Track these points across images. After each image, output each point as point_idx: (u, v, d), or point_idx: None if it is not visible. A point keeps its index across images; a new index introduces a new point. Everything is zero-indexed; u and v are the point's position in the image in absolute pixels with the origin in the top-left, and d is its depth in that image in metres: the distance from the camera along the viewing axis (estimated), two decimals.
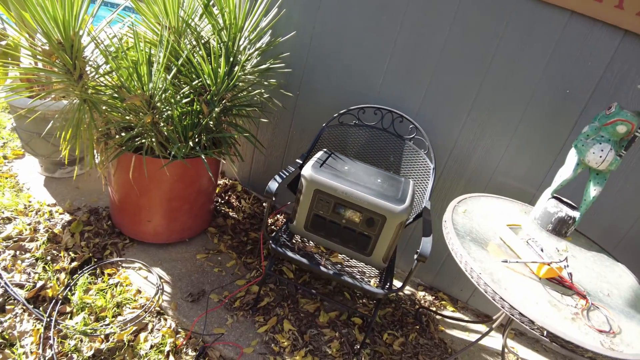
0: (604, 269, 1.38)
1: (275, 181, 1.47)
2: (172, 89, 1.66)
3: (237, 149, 1.87)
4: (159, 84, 1.56)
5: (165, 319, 1.62)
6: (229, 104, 1.75)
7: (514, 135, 1.73)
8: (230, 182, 2.58)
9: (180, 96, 1.66)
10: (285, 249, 1.56)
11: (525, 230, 1.46)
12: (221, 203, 2.39)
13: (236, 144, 1.90)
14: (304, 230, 1.56)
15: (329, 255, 1.75)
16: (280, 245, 1.58)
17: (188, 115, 1.66)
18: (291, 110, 2.20)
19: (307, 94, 2.12)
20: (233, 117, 1.88)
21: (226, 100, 1.72)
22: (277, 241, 1.62)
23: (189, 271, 1.87)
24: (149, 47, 1.58)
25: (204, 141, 1.74)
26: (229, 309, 1.73)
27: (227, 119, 1.86)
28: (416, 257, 1.32)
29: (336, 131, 1.91)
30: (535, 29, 1.55)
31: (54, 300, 1.57)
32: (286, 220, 1.81)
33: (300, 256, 1.55)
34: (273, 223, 2.35)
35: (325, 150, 1.71)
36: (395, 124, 1.86)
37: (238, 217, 2.30)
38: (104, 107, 1.61)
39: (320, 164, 1.55)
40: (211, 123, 1.69)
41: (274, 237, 1.61)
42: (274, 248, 1.54)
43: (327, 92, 2.06)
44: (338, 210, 1.48)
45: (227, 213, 2.31)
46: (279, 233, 1.69)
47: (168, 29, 1.71)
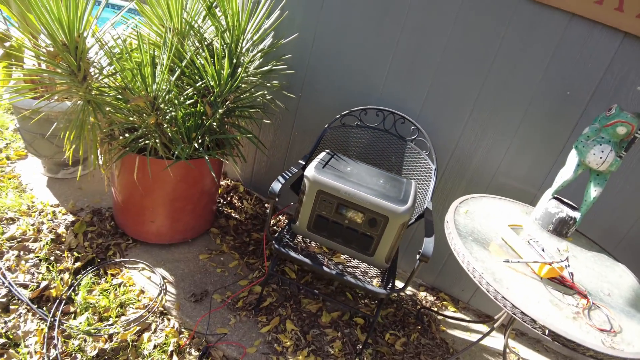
0: (605, 269, 1.40)
1: (278, 182, 1.48)
2: (176, 90, 1.67)
3: (240, 150, 1.87)
4: (163, 86, 1.57)
5: (168, 319, 1.63)
6: (232, 105, 1.76)
7: (515, 136, 1.74)
8: (233, 183, 2.59)
9: (184, 97, 1.67)
10: (288, 249, 1.57)
11: (527, 231, 1.47)
12: (223, 204, 2.40)
13: (239, 145, 1.91)
14: (307, 230, 1.57)
15: (331, 255, 1.76)
16: (283, 246, 1.59)
17: (192, 117, 1.67)
18: (293, 111, 2.21)
19: (309, 95, 2.13)
20: (236, 119, 1.89)
21: (229, 102, 1.73)
22: (280, 241, 1.63)
23: (192, 271, 1.88)
24: (152, 49, 1.59)
25: (207, 142, 1.75)
26: (231, 309, 1.74)
27: (230, 120, 1.87)
28: (418, 257, 1.33)
29: (338, 132, 1.92)
30: (536, 30, 1.56)
31: (57, 300, 1.57)
32: (289, 221, 1.82)
33: (303, 256, 1.56)
34: (275, 224, 2.36)
35: (327, 151, 1.72)
36: (397, 125, 1.88)
37: (240, 218, 2.31)
38: (108, 108, 1.62)
39: (323, 165, 1.56)
40: (214, 124, 1.71)
41: (276, 238, 1.62)
42: (277, 248, 1.55)
43: (329, 94, 2.07)
44: (341, 211, 1.49)
45: (230, 214, 2.32)
46: (282, 233, 1.70)
47: (171, 30, 1.73)
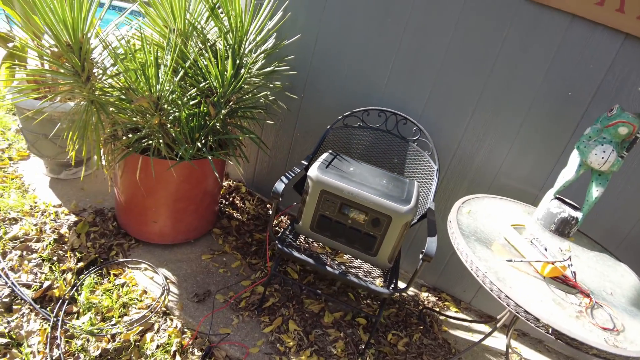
0: (607, 269, 1.40)
1: (281, 182, 1.48)
2: (179, 90, 1.67)
3: (243, 150, 1.88)
4: (167, 86, 1.58)
5: (171, 319, 1.63)
6: (234, 106, 1.77)
7: (517, 137, 1.75)
8: (235, 184, 2.59)
9: (188, 98, 1.68)
10: (292, 249, 1.57)
11: (529, 231, 1.48)
12: (225, 204, 2.40)
13: (242, 146, 1.91)
14: (310, 230, 1.58)
15: (334, 255, 1.77)
16: (286, 246, 1.59)
17: (195, 117, 1.67)
18: (295, 112, 2.22)
19: (312, 96, 2.14)
20: (238, 119, 1.90)
21: (232, 102, 1.74)
22: (283, 241, 1.64)
23: (195, 272, 1.88)
24: (156, 50, 1.60)
25: (210, 142, 1.76)
26: (234, 309, 1.74)
27: (233, 121, 1.88)
28: (421, 257, 1.34)
29: (340, 133, 1.93)
30: (537, 32, 1.57)
31: (60, 300, 1.58)
32: (291, 221, 1.82)
33: (306, 256, 1.56)
34: (277, 224, 2.36)
35: (330, 151, 1.72)
36: (399, 126, 1.88)
37: (242, 219, 2.31)
38: (111, 109, 1.62)
39: (326, 165, 1.56)
40: (218, 125, 1.71)
41: (280, 238, 1.63)
42: (280, 248, 1.55)
43: (332, 94, 2.08)
44: (344, 211, 1.50)
45: (232, 214, 2.33)
46: (285, 234, 1.70)
47: (175, 31, 1.73)
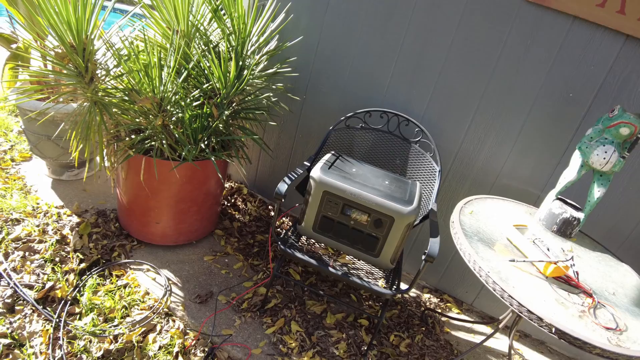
0: (609, 269, 1.40)
1: (284, 183, 1.49)
2: (182, 92, 1.68)
3: (245, 151, 1.88)
4: (170, 87, 1.59)
5: (173, 320, 1.63)
6: (237, 107, 1.78)
7: (518, 138, 1.75)
8: (236, 185, 2.59)
9: (191, 99, 1.68)
10: (294, 250, 1.57)
11: (531, 231, 1.48)
12: (227, 206, 2.40)
13: (244, 147, 1.92)
14: (313, 231, 1.58)
15: (336, 256, 1.77)
16: (289, 247, 1.60)
17: (198, 118, 1.68)
18: (297, 113, 2.22)
19: (314, 97, 2.15)
20: (241, 120, 1.91)
21: (235, 104, 1.75)
22: (286, 242, 1.64)
23: (197, 273, 1.88)
24: (159, 51, 1.60)
25: (213, 144, 1.76)
26: (236, 311, 1.74)
27: (236, 122, 1.88)
28: (424, 258, 1.34)
29: (343, 134, 1.93)
30: (538, 33, 1.58)
31: (63, 301, 1.58)
32: (293, 223, 1.83)
33: (309, 257, 1.57)
34: (278, 226, 2.36)
35: (332, 152, 1.73)
36: (401, 127, 1.89)
37: (244, 220, 2.31)
38: (115, 110, 1.63)
39: (329, 166, 1.57)
40: (221, 126, 1.72)
41: (282, 239, 1.63)
42: (283, 249, 1.55)
43: (334, 96, 2.09)
44: (346, 212, 1.50)
45: (234, 216, 2.33)
46: (287, 235, 1.70)
47: (178, 33, 1.74)
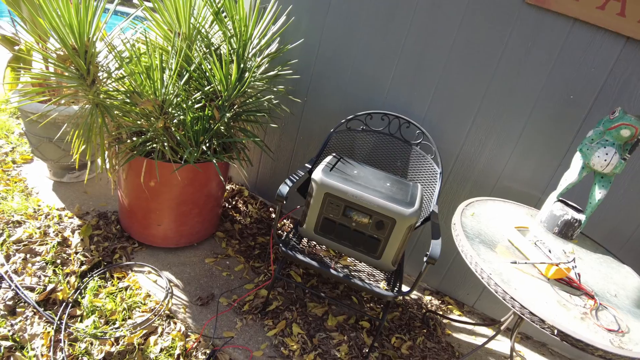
0: (610, 271, 1.40)
1: (286, 185, 1.49)
2: (184, 94, 1.68)
3: (246, 153, 1.89)
4: (171, 89, 1.59)
5: (175, 323, 1.63)
6: (239, 109, 1.78)
7: (519, 140, 1.76)
8: (237, 187, 2.59)
9: (192, 101, 1.69)
10: (296, 252, 1.57)
11: (533, 233, 1.48)
12: (228, 208, 2.40)
13: (245, 149, 1.92)
14: (314, 233, 1.58)
15: (338, 258, 1.77)
16: (290, 249, 1.60)
17: (199, 120, 1.68)
18: (299, 115, 2.23)
19: (315, 99, 2.15)
20: (242, 123, 1.91)
21: (236, 106, 1.75)
22: (287, 244, 1.64)
23: (198, 275, 1.88)
24: (160, 53, 1.61)
25: (214, 146, 1.77)
26: (238, 313, 1.74)
27: (237, 125, 1.89)
28: (426, 260, 1.34)
29: (344, 136, 1.94)
30: (539, 36, 1.59)
31: (64, 304, 1.57)
32: (294, 225, 1.82)
33: (310, 259, 1.57)
34: (279, 228, 2.37)
35: (334, 154, 1.73)
36: (402, 129, 1.89)
37: (245, 222, 2.31)
38: (116, 112, 1.63)
39: (330, 168, 1.57)
40: (222, 128, 1.72)
41: (284, 241, 1.63)
42: (284, 251, 1.55)
43: (335, 98, 2.09)
44: (348, 214, 1.50)
45: (235, 218, 2.33)
46: (288, 237, 1.70)
47: (179, 35, 1.75)
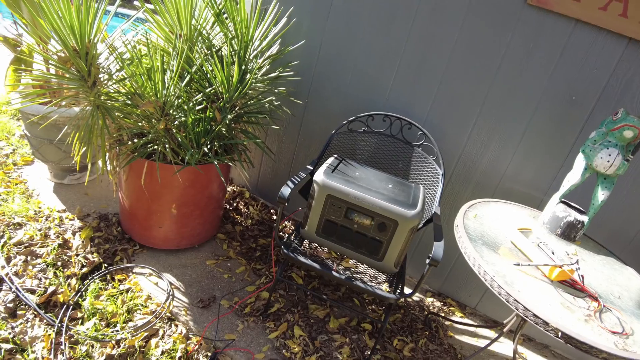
0: (613, 272, 1.40)
1: (288, 187, 1.48)
2: (185, 96, 1.68)
3: (248, 155, 1.88)
4: (172, 91, 1.59)
5: (176, 325, 1.62)
6: (240, 111, 1.78)
7: (521, 141, 1.75)
8: (239, 189, 2.59)
9: (194, 103, 1.68)
10: (297, 255, 1.57)
11: (535, 234, 1.47)
12: (229, 209, 2.40)
13: (247, 151, 1.92)
14: (316, 235, 1.57)
15: (340, 260, 1.76)
16: (292, 251, 1.59)
17: (201, 122, 1.68)
18: (300, 117, 2.22)
19: (316, 101, 2.15)
20: (244, 124, 1.91)
21: (238, 108, 1.75)
22: (289, 246, 1.63)
23: (199, 277, 1.87)
24: (161, 55, 1.61)
25: (215, 147, 1.76)
26: (239, 315, 1.73)
27: (239, 126, 1.88)
28: (428, 262, 1.33)
29: (345, 138, 1.93)
30: (540, 37, 1.59)
31: (65, 306, 1.57)
32: (296, 226, 1.82)
33: (312, 261, 1.56)
34: (280, 230, 2.36)
35: (335, 156, 1.73)
36: (403, 130, 1.89)
37: (246, 224, 2.31)
38: (117, 114, 1.63)
39: (332, 170, 1.57)
40: (223, 130, 1.72)
41: (285, 243, 1.62)
42: (286, 253, 1.55)
43: (336, 99, 2.09)
44: (350, 216, 1.50)
45: (236, 219, 2.32)
46: (290, 239, 1.70)
47: (181, 37, 1.75)
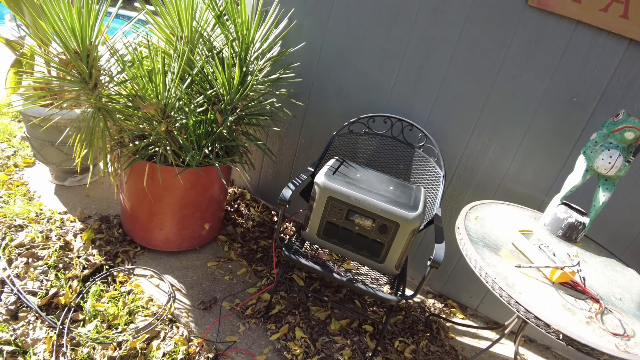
0: (615, 274, 1.40)
1: (289, 189, 1.49)
2: (186, 98, 1.68)
3: (249, 157, 1.88)
4: (174, 93, 1.59)
5: (177, 327, 1.62)
6: (241, 113, 1.78)
7: (522, 142, 1.75)
8: (240, 191, 2.59)
9: (195, 105, 1.69)
10: (298, 256, 1.57)
11: (537, 236, 1.47)
12: (230, 211, 2.40)
13: (248, 153, 1.92)
14: (317, 237, 1.57)
15: (341, 262, 1.76)
16: (293, 253, 1.59)
17: (202, 124, 1.68)
18: (301, 119, 2.22)
19: (317, 102, 2.15)
20: (245, 126, 1.91)
21: (239, 109, 1.75)
22: (290, 248, 1.63)
23: (200, 279, 1.87)
24: (162, 57, 1.61)
25: (216, 149, 1.76)
26: (240, 317, 1.73)
27: (240, 128, 1.89)
28: (429, 264, 1.33)
29: (346, 139, 1.93)
30: (541, 38, 1.59)
31: (66, 308, 1.57)
32: (297, 228, 1.82)
33: (313, 263, 1.56)
34: (282, 232, 2.36)
35: (336, 158, 1.73)
36: (404, 132, 1.89)
37: (247, 226, 2.31)
38: (118, 116, 1.63)
39: (333, 172, 1.57)
40: (225, 131, 1.72)
41: (286, 245, 1.62)
42: (287, 255, 1.55)
43: (337, 101, 2.09)
44: (351, 217, 1.50)
45: (237, 221, 2.32)
46: (291, 240, 1.70)
47: (182, 39, 1.75)
